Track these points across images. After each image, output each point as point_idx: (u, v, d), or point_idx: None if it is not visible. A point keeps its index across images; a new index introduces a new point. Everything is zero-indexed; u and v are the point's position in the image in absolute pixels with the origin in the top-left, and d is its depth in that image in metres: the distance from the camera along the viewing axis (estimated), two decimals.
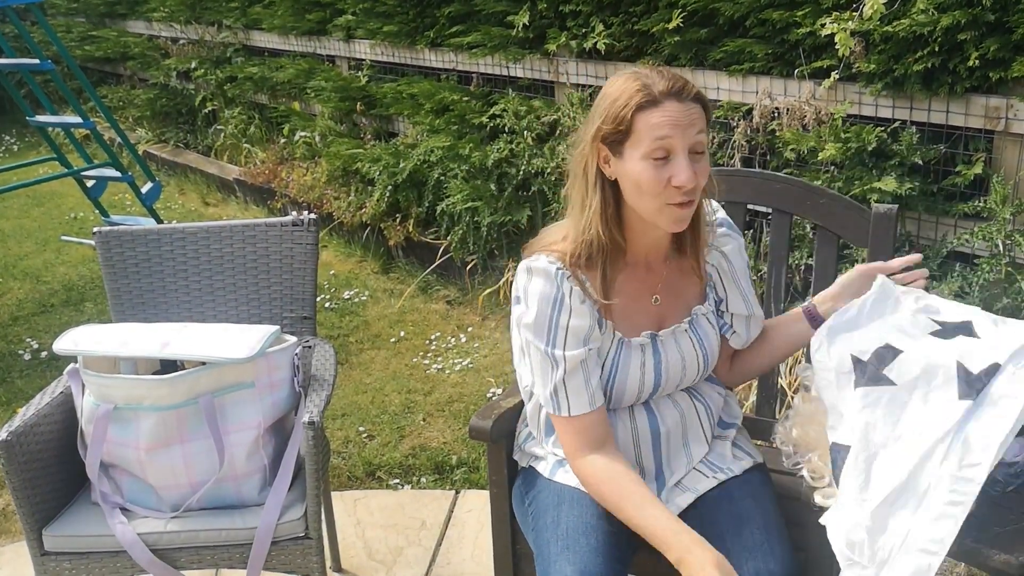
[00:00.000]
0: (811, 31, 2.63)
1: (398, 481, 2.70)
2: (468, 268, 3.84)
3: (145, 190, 4.32)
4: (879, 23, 2.44)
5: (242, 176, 5.25)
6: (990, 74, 2.34)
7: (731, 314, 1.58)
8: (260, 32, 5.41)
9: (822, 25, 2.56)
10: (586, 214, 1.44)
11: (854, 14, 2.49)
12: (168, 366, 1.84)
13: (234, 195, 5.43)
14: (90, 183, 4.47)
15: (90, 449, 1.73)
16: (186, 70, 6.03)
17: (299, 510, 1.74)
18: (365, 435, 2.95)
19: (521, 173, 3.56)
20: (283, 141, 5.18)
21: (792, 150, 2.76)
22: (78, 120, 4.03)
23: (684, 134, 1.35)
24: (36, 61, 3.83)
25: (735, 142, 2.94)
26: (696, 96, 1.37)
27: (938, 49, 2.39)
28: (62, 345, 1.74)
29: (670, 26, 2.99)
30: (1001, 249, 2.35)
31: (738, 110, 2.96)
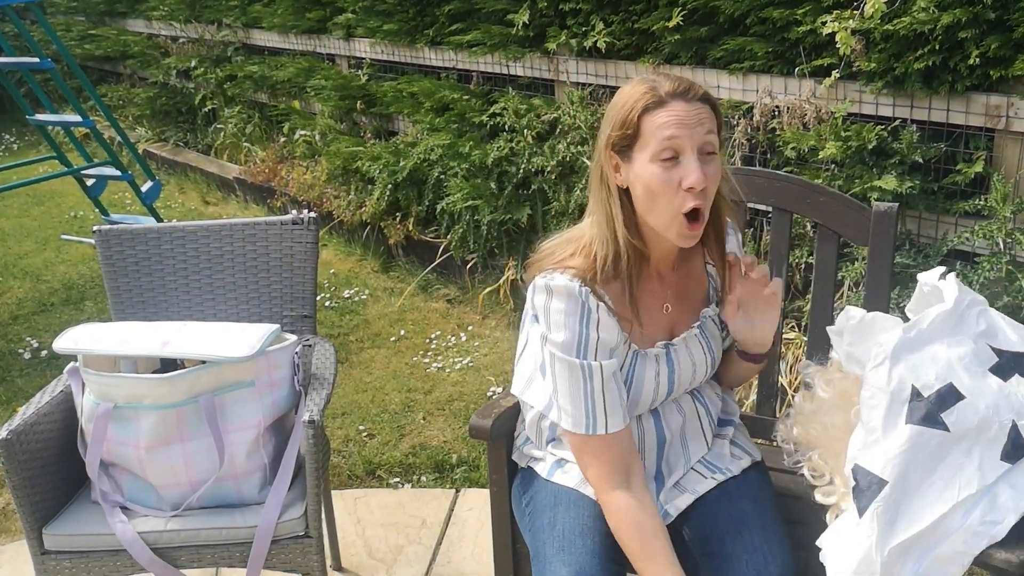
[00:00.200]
0: (811, 29, 2.63)
1: (398, 480, 2.70)
2: (468, 267, 3.84)
3: (145, 189, 4.32)
4: (879, 22, 2.44)
5: (242, 175, 5.25)
6: (991, 72, 2.34)
7: None
8: (260, 31, 5.41)
9: (823, 23, 2.56)
10: (610, 224, 1.41)
11: (855, 13, 2.49)
12: (168, 365, 1.84)
13: (234, 194, 5.43)
14: (90, 182, 4.47)
15: (90, 448, 1.73)
16: (186, 69, 6.03)
17: (299, 509, 1.74)
18: (365, 434, 2.95)
19: (521, 171, 3.55)
20: (283, 140, 5.17)
21: (792, 148, 2.76)
22: (78, 119, 4.03)
23: (692, 133, 1.33)
24: (36, 60, 3.83)
25: (736, 140, 2.94)
26: (704, 97, 1.36)
27: (939, 47, 2.39)
28: (62, 344, 1.74)
29: (670, 24, 2.98)
30: (1002, 247, 2.35)
31: (738, 108, 2.96)
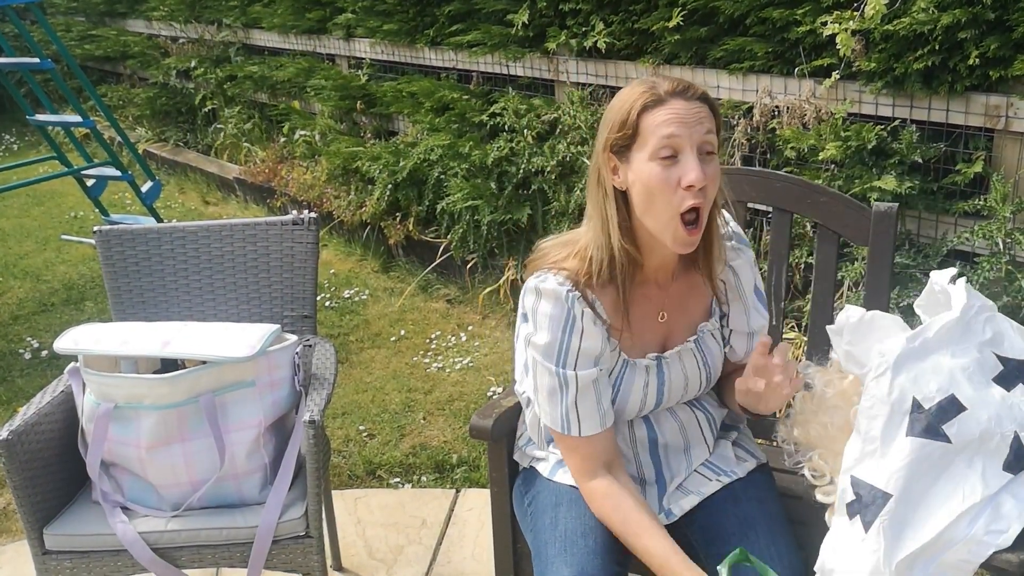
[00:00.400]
0: (811, 29, 2.63)
1: (399, 480, 2.70)
2: (468, 267, 3.84)
3: (145, 189, 4.32)
4: (879, 22, 2.44)
5: (242, 175, 5.25)
6: (990, 72, 2.34)
7: (730, 330, 1.55)
8: (260, 31, 5.41)
9: (823, 24, 2.56)
10: (606, 227, 1.40)
11: (855, 14, 2.49)
12: (169, 365, 1.84)
13: (234, 194, 5.43)
14: (90, 182, 4.47)
15: (91, 448, 1.73)
16: (186, 69, 6.03)
17: (300, 509, 1.74)
18: (365, 434, 2.95)
19: (521, 171, 3.56)
20: (283, 140, 5.17)
21: (792, 148, 2.76)
22: (78, 119, 4.03)
23: (691, 132, 1.32)
24: (36, 60, 3.83)
25: (735, 140, 2.94)
26: (703, 96, 1.36)
27: (938, 47, 2.39)
28: (63, 344, 1.74)
29: (670, 24, 2.98)
30: (1001, 247, 2.35)
31: (738, 108, 2.96)
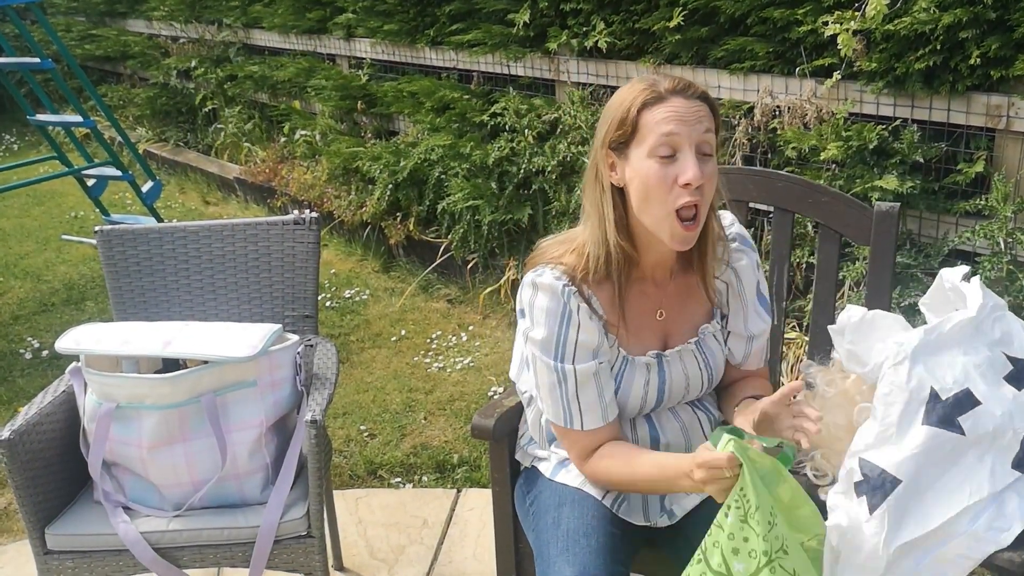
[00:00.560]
0: (812, 29, 2.63)
1: (400, 480, 2.70)
2: (469, 267, 3.84)
3: (146, 189, 4.32)
4: (880, 22, 2.44)
5: (242, 175, 5.25)
6: (991, 72, 2.34)
7: (729, 332, 1.55)
8: (260, 31, 5.41)
9: (824, 24, 2.56)
10: (602, 224, 1.40)
11: (856, 14, 2.49)
12: (170, 365, 1.84)
13: (234, 194, 5.43)
14: (91, 182, 4.47)
15: (92, 448, 1.73)
16: (186, 69, 6.03)
17: (301, 509, 1.74)
18: (366, 434, 2.95)
19: (522, 171, 3.56)
20: (283, 140, 5.17)
21: (793, 148, 2.76)
22: (78, 119, 4.03)
23: (691, 131, 1.32)
24: (36, 60, 3.83)
25: (736, 140, 2.94)
26: (703, 96, 1.36)
27: (939, 47, 2.39)
28: (64, 344, 1.74)
29: (671, 24, 2.99)
30: (1002, 247, 2.35)
31: (739, 108, 2.96)
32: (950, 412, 1.27)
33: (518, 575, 1.72)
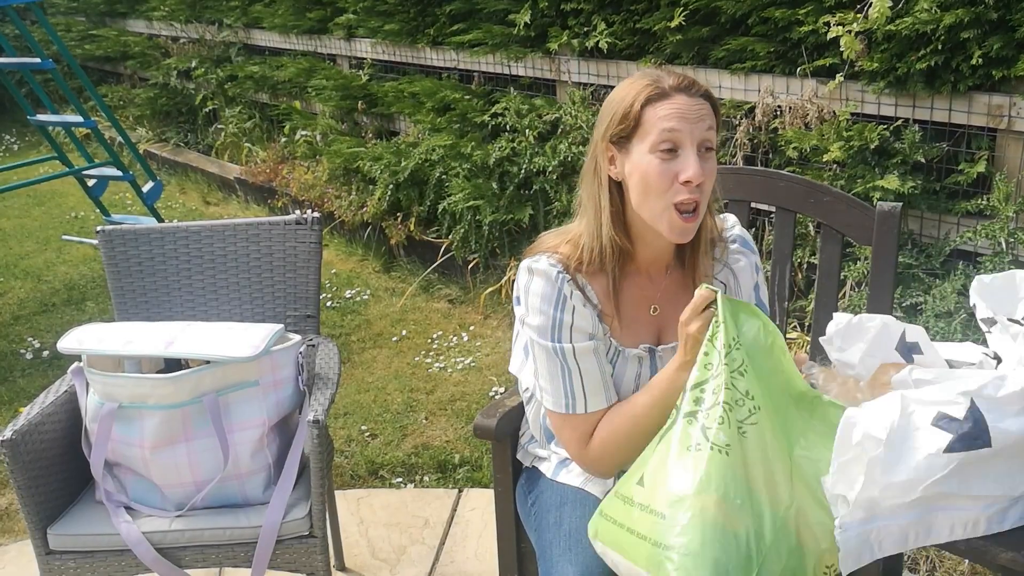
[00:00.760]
0: (813, 29, 2.63)
1: (401, 480, 2.70)
2: (470, 267, 3.84)
3: (146, 189, 4.32)
4: (883, 23, 2.44)
5: (243, 175, 5.25)
6: (993, 72, 2.34)
7: None
8: (261, 31, 5.41)
9: (826, 24, 2.56)
10: (598, 217, 1.41)
11: (858, 16, 2.49)
12: (172, 365, 1.84)
13: (235, 194, 5.43)
14: (91, 182, 4.47)
15: (94, 448, 1.73)
16: (186, 69, 6.03)
17: (303, 509, 1.74)
18: (368, 434, 2.95)
19: (523, 172, 3.56)
20: (284, 140, 5.17)
21: (794, 148, 2.76)
22: (79, 119, 4.03)
23: (693, 128, 1.33)
24: (37, 60, 3.83)
25: (737, 140, 2.94)
26: (706, 94, 1.36)
27: (941, 47, 2.39)
28: (66, 344, 1.74)
29: (672, 24, 2.99)
30: (1004, 247, 2.35)
31: (740, 108, 2.96)
32: (976, 428, 1.16)
33: (520, 575, 1.72)
